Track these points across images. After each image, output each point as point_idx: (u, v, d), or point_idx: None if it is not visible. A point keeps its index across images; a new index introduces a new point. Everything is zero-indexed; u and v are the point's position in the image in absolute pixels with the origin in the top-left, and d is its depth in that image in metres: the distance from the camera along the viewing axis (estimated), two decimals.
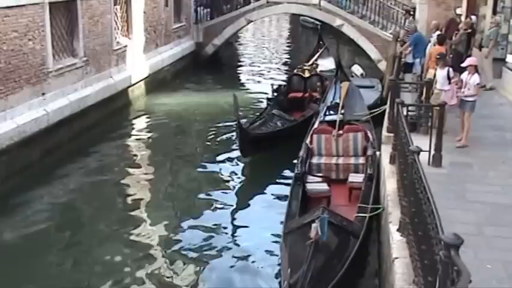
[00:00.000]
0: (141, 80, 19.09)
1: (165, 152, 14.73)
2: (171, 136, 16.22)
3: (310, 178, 10.40)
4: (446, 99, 9.65)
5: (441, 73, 10.43)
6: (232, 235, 10.02)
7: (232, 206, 11.31)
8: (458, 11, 16.85)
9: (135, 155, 14.24)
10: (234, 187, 12.26)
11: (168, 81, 21.43)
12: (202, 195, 11.77)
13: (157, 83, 20.22)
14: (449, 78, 10.24)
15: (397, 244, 6.69)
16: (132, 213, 10.83)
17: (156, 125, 16.75)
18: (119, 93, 17.23)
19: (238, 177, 12.77)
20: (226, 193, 11.88)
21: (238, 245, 9.66)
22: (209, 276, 8.71)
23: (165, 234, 10.04)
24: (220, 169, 13.19)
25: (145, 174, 13.07)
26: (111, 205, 11.34)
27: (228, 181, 12.53)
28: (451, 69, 10.36)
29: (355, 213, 8.77)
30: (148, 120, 17.20)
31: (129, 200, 11.53)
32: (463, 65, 10.12)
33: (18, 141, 12.07)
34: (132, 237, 9.84)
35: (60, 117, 13.72)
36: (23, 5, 12.50)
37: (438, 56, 10.81)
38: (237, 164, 13.34)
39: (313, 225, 7.08)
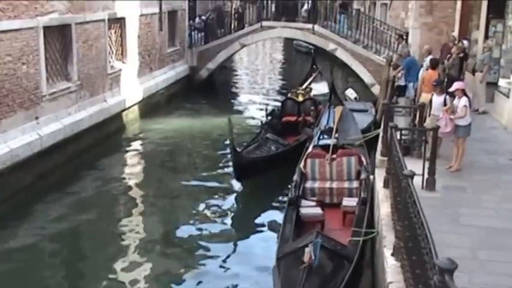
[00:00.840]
0: (135, 103, 19.11)
1: (159, 175, 14.70)
2: (165, 160, 16.19)
3: (304, 202, 10.36)
4: (441, 128, 9.59)
5: (438, 100, 10.35)
6: (226, 259, 9.95)
7: (226, 229, 11.30)
8: (454, 33, 16.91)
9: (129, 179, 14.18)
10: (228, 211, 12.23)
11: (162, 105, 21.46)
12: (195, 219, 11.73)
13: (151, 106, 20.23)
14: (445, 105, 10.18)
15: (391, 268, 6.65)
16: (126, 236, 10.80)
17: (150, 148, 16.73)
18: (112, 117, 17.22)
19: (232, 201, 12.75)
20: (220, 217, 11.85)
21: (231, 268, 9.60)
22: None
23: (157, 256, 10.04)
24: (215, 193, 13.16)
25: (139, 197, 13.03)
26: (105, 227, 11.29)
27: (222, 205, 12.50)
28: (447, 96, 10.31)
29: (349, 237, 8.72)
30: (142, 143, 17.17)
31: (122, 223, 11.47)
32: (451, 89, 10.10)
33: (10, 165, 12.02)
34: (125, 258, 9.85)
35: (53, 141, 13.69)
36: (17, 29, 12.55)
37: (434, 83, 10.75)
38: (231, 188, 13.33)
39: (307, 249, 7.05)
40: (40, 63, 13.43)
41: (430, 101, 10.67)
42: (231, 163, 13.34)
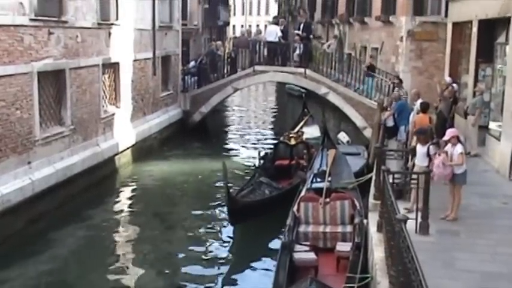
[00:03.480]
0: (128, 147, 19.11)
1: (152, 219, 14.59)
2: (158, 204, 16.08)
3: (297, 247, 10.29)
4: (437, 177, 9.52)
5: (421, 150, 10.17)
6: None
7: (218, 274, 11.19)
8: (447, 79, 17.04)
9: (122, 223, 14.09)
10: (222, 255, 12.14)
11: (156, 148, 21.47)
12: (189, 263, 11.63)
13: (144, 150, 20.24)
14: (429, 155, 10.04)
15: None
16: (119, 281, 10.66)
17: (143, 192, 16.66)
18: (105, 161, 17.20)
19: (225, 245, 12.67)
20: (213, 261, 11.75)
21: None
22: None
23: None
24: (208, 237, 13.08)
25: (132, 241, 12.94)
26: (98, 273, 11.14)
27: (215, 249, 12.42)
28: (431, 146, 10.14)
29: (343, 283, 8.64)
30: (135, 187, 17.10)
31: (115, 269, 11.34)
32: (445, 138, 10.07)
33: (1, 210, 11.92)
34: None
35: (45, 185, 13.62)
36: (12, 75, 12.60)
37: (417, 133, 10.60)
38: (225, 232, 13.25)
39: None
40: (34, 108, 13.46)
41: (414, 149, 10.58)
42: (224, 207, 13.28)
